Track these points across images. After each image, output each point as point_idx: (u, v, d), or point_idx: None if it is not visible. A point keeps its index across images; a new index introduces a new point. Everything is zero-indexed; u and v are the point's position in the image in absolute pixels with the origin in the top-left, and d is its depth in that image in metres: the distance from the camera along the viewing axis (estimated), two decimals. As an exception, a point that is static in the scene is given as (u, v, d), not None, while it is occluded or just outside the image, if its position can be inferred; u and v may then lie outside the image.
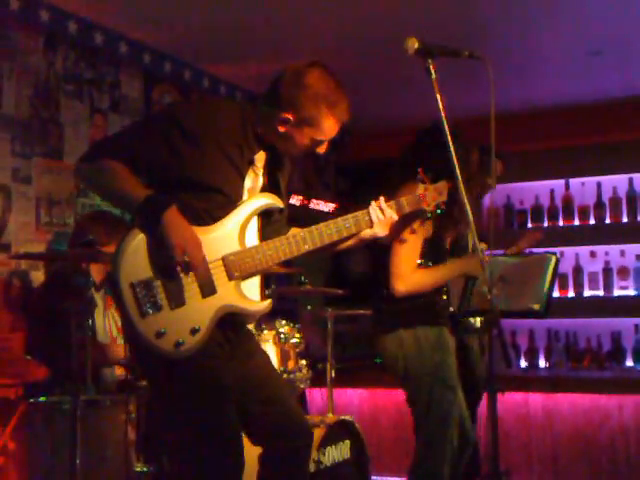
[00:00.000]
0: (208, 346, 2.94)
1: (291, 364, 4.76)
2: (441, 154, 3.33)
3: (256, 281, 3.09)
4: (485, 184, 4.87)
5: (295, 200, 7.37)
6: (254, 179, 3.14)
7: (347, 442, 4.81)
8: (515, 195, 7.70)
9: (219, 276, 2.95)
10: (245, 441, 3.10)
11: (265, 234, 3.12)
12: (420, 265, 4.03)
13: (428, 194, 3.33)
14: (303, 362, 4.87)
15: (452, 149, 2.94)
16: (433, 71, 2.93)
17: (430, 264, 4.05)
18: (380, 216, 3.21)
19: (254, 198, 3.09)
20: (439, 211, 3.37)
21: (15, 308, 4.96)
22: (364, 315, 6.65)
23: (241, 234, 3.02)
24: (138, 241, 2.89)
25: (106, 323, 4.63)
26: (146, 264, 2.88)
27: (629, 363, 7.15)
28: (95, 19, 5.40)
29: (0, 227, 4.93)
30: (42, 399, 3.99)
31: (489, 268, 3.07)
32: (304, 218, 3.25)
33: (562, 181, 7.61)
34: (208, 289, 2.93)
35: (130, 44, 5.74)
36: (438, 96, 2.92)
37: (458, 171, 2.96)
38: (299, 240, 3.09)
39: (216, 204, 2.99)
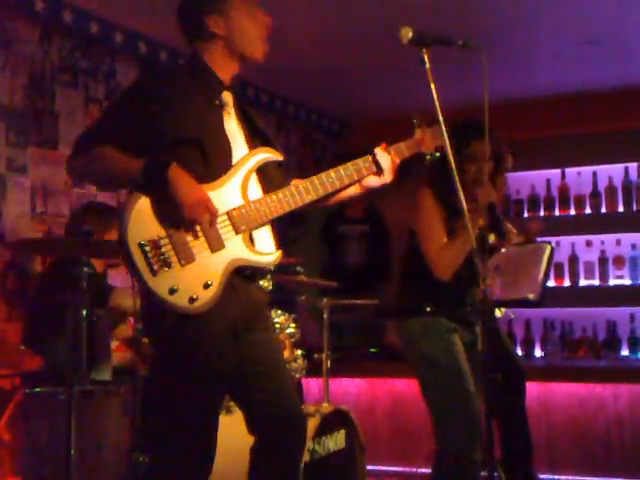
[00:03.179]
0: (219, 323, 2.94)
1: (287, 354, 4.76)
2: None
3: (267, 233, 3.11)
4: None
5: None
6: (228, 120, 3.15)
7: (342, 431, 4.80)
8: (511, 185, 7.67)
9: (226, 230, 2.97)
10: (234, 431, 3.09)
11: (267, 187, 3.13)
12: None
13: (427, 137, 3.33)
14: (299, 352, 4.87)
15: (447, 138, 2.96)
16: (427, 60, 2.94)
17: None
18: (384, 160, 3.26)
19: (254, 153, 3.10)
20: (438, 154, 3.36)
21: (11, 298, 4.96)
22: (360, 305, 6.67)
23: (243, 188, 3.03)
24: (141, 203, 2.89)
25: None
26: (152, 224, 2.88)
27: (624, 352, 7.16)
28: (90, 8, 5.39)
29: (-4, 217, 4.93)
30: (37, 390, 4.00)
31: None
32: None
33: (558, 171, 7.62)
34: (216, 244, 2.94)
35: (125, 33, 5.74)
36: (432, 85, 2.93)
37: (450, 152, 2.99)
38: (302, 190, 3.11)
39: (209, 157, 3.00)
